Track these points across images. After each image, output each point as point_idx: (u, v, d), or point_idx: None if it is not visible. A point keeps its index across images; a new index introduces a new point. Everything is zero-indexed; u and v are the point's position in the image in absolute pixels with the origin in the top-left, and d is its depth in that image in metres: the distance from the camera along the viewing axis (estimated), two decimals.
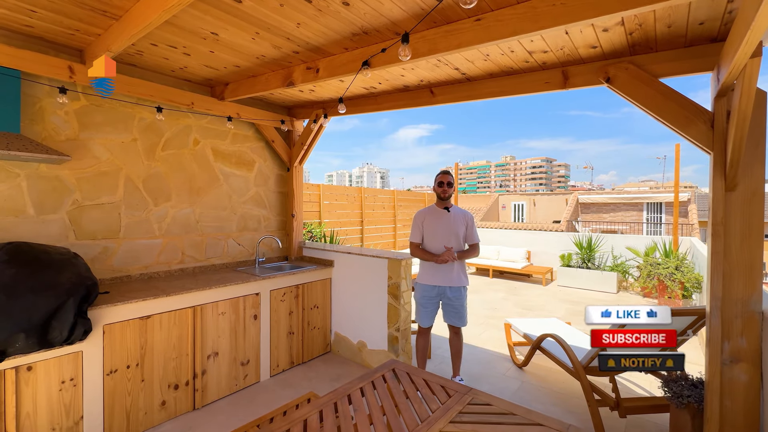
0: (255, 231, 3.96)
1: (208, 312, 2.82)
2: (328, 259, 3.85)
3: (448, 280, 2.94)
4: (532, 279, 7.93)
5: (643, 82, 2.02)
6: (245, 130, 3.85)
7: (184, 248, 3.35)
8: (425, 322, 3.06)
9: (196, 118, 3.41)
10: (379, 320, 3.42)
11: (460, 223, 2.98)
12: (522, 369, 3.52)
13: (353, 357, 3.66)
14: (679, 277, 4.39)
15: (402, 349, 3.31)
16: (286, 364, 3.43)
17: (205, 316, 2.80)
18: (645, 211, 16.40)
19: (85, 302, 2.16)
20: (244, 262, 3.80)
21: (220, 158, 3.62)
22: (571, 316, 5.37)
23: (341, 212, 6.61)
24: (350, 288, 3.68)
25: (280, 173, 4.22)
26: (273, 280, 3.28)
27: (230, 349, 2.97)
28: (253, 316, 3.13)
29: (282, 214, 4.24)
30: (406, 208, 8.37)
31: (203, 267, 3.47)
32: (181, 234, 3.33)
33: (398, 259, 3.28)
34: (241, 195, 3.81)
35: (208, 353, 2.82)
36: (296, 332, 3.50)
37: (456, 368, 3.11)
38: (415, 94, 3.12)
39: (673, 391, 2.15)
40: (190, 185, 3.39)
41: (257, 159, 3.97)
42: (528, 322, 3.98)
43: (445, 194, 2.96)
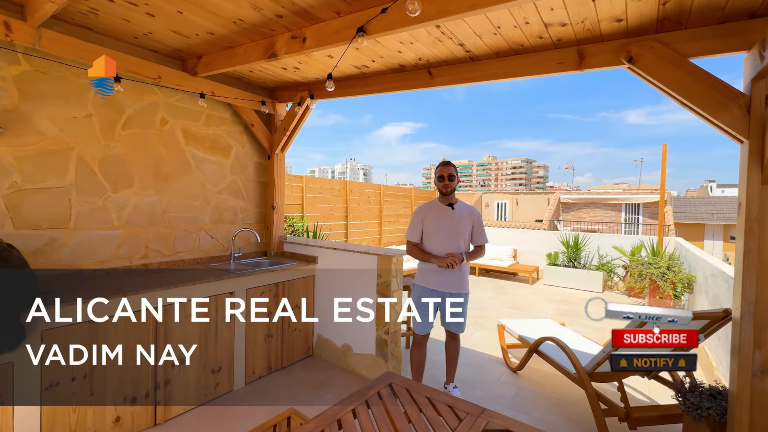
0: (231, 223, 3.60)
1: (174, 314, 2.47)
2: (312, 255, 3.55)
3: (449, 285, 2.63)
4: (519, 278, 7.84)
5: (671, 62, 1.82)
6: (221, 111, 3.48)
7: (148, 241, 2.97)
8: (422, 329, 2.72)
9: (164, 94, 3.03)
10: (367, 322, 3.15)
11: (465, 223, 2.64)
12: (517, 373, 3.33)
13: (337, 361, 3.37)
14: (670, 277, 4.32)
15: (391, 353, 3.05)
16: (264, 370, 3.11)
17: (169, 319, 2.45)
18: (623, 211, 16.76)
19: (17, 303, 1.79)
20: (217, 257, 3.44)
21: (192, 141, 3.24)
22: (560, 316, 5.26)
23: (325, 206, 6.28)
24: (335, 286, 3.39)
25: (259, 161, 3.86)
26: (250, 277, 2.95)
27: (199, 356, 2.63)
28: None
29: (261, 206, 3.89)
30: (392, 203, 8.11)
31: (171, 262, 3.09)
32: (144, 225, 2.95)
33: (389, 255, 3.01)
34: (215, 183, 3.45)
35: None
36: (275, 335, 3.18)
37: (450, 374, 2.87)
38: (412, 75, 2.85)
39: (691, 401, 1.97)
40: (156, 170, 3.01)
41: (234, 144, 3.61)
42: (521, 324, 3.80)
43: (446, 189, 2.60)
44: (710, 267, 3.36)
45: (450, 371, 2.86)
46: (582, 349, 3.11)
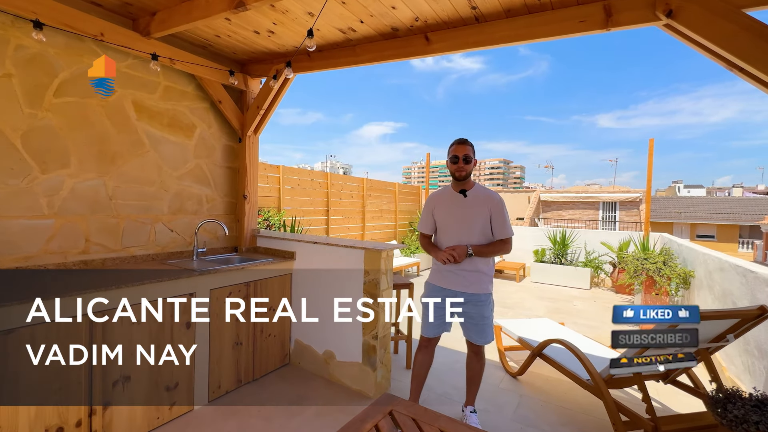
0: (195, 214, 3.12)
1: (117, 321, 2.01)
2: (289, 251, 3.12)
3: (464, 284, 2.21)
4: (505, 275, 7.63)
5: (720, 15, 1.54)
6: (183, 84, 2.99)
7: (89, 233, 2.47)
8: (429, 331, 2.31)
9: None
10: (352, 326, 2.76)
11: (480, 212, 2.16)
12: (517, 379, 3.03)
13: (318, 371, 2.97)
14: (667, 272, 4.16)
15: (380, 361, 2.68)
16: (232, 384, 2.67)
17: (110, 328, 1.98)
18: (600, 209, 17.05)
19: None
20: (178, 253, 2.96)
21: (145, 117, 2.76)
22: (552, 314, 5.04)
23: (304, 199, 5.83)
24: (316, 285, 2.98)
25: (229, 144, 3.40)
26: (215, 276, 2.51)
27: (150, 371, 2.17)
28: (186, 324, 2.35)
29: (231, 195, 3.43)
30: (375, 198, 7.72)
31: (119, 259, 2.60)
32: (85, 213, 2.45)
33: (377, 249, 2.63)
34: (175, 167, 2.97)
35: (114, 378, 2.01)
36: (245, 342, 2.75)
37: (471, 396, 2.42)
38: (406, 41, 2.48)
39: (734, 414, 1.70)
40: (100, 148, 2.51)
41: (199, 123, 3.13)
42: (519, 324, 3.52)
43: (460, 173, 2.15)
44: (717, 261, 3.18)
45: (471, 392, 2.42)
46: (588, 351, 2.84)
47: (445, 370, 3.12)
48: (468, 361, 2.42)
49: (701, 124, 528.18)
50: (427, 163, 9.07)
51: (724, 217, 25.08)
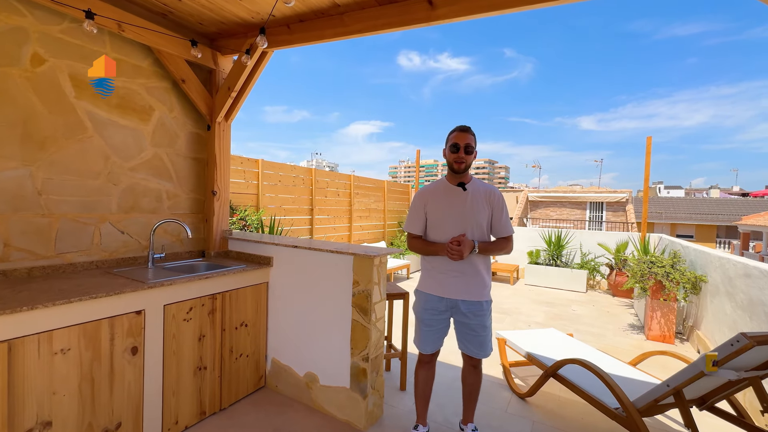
0: (153, 213, 2.65)
1: (30, 351, 1.54)
2: (265, 256, 2.68)
3: (464, 291, 1.93)
4: (499, 277, 7.33)
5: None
6: (137, 58, 2.51)
7: (9, 236, 1.98)
8: (428, 347, 2.03)
9: (37, 19, 2.04)
10: (339, 344, 2.35)
11: (481, 208, 1.93)
12: (526, 401, 2.67)
13: (298, 396, 2.54)
14: (676, 276, 3.89)
15: (372, 386, 2.28)
16: (193, 417, 2.22)
17: (20, 360, 1.51)
18: (588, 209, 17.07)
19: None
20: (130, 259, 2.49)
21: (88, 95, 2.27)
22: (551, 321, 4.75)
23: (286, 197, 5.36)
24: (296, 297, 2.55)
25: (195, 131, 2.92)
26: (170, 288, 2.05)
27: (80, 412, 1.70)
28: (131, 350, 1.89)
29: (197, 191, 2.96)
30: (363, 196, 7.30)
31: (51, 267, 2.12)
32: (4, 212, 1.96)
33: (369, 256, 2.22)
34: (128, 157, 2.49)
35: (28, 426, 1.54)
36: (211, 366, 2.30)
37: (469, 413, 2.16)
38: (404, 7, 2.07)
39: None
40: (24, 131, 2.02)
41: (158, 105, 2.65)
42: (524, 336, 3.18)
43: (460, 164, 1.90)
44: (742, 267, 2.90)
45: (469, 409, 2.15)
46: (607, 370, 2.51)
47: (444, 390, 2.74)
48: (465, 376, 2.13)
49: (677, 127, 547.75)
50: (417, 160, 8.71)
51: (702, 217, 25.67)
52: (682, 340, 4.16)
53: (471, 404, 2.13)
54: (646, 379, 2.40)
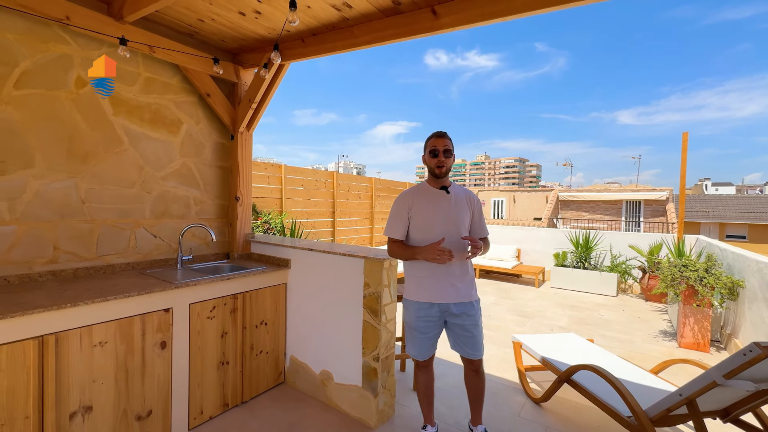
0: (182, 218, 2.86)
1: (74, 343, 1.74)
2: (284, 258, 2.82)
3: (453, 294, 1.96)
4: (523, 280, 7.19)
5: None
6: (166, 75, 2.73)
7: (57, 240, 2.22)
8: (423, 354, 2.06)
9: (80, 46, 2.28)
10: (351, 344, 2.44)
11: (464, 211, 2.00)
12: (540, 406, 2.65)
13: (314, 392, 2.66)
14: (710, 281, 3.68)
15: (383, 386, 2.35)
16: (217, 408, 2.38)
17: (66, 351, 1.71)
18: (624, 209, 16.26)
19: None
20: (162, 261, 2.70)
21: (124, 111, 2.50)
22: (575, 325, 4.61)
23: (308, 201, 5.55)
24: (312, 297, 2.67)
25: (220, 141, 3.12)
26: (195, 288, 2.22)
27: (116, 399, 1.89)
28: (161, 344, 2.07)
29: (222, 197, 3.16)
30: (385, 198, 7.39)
31: (93, 268, 2.35)
32: (53, 219, 2.21)
33: (379, 259, 2.30)
34: (159, 167, 2.71)
35: (72, 410, 1.74)
36: (233, 361, 2.46)
37: (477, 415, 2.17)
38: (409, 18, 2.14)
39: None
40: (70, 147, 2.26)
41: (186, 119, 2.86)
42: (541, 340, 3.13)
43: (441, 169, 1.95)
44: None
45: (477, 411, 2.17)
46: (625, 377, 2.45)
47: (455, 392, 2.76)
48: (468, 380, 2.15)
49: (728, 119, 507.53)
50: None
51: (757, 216, 23.69)
52: (719, 348, 3.92)
53: (478, 406, 2.15)
54: (664, 388, 2.32)
